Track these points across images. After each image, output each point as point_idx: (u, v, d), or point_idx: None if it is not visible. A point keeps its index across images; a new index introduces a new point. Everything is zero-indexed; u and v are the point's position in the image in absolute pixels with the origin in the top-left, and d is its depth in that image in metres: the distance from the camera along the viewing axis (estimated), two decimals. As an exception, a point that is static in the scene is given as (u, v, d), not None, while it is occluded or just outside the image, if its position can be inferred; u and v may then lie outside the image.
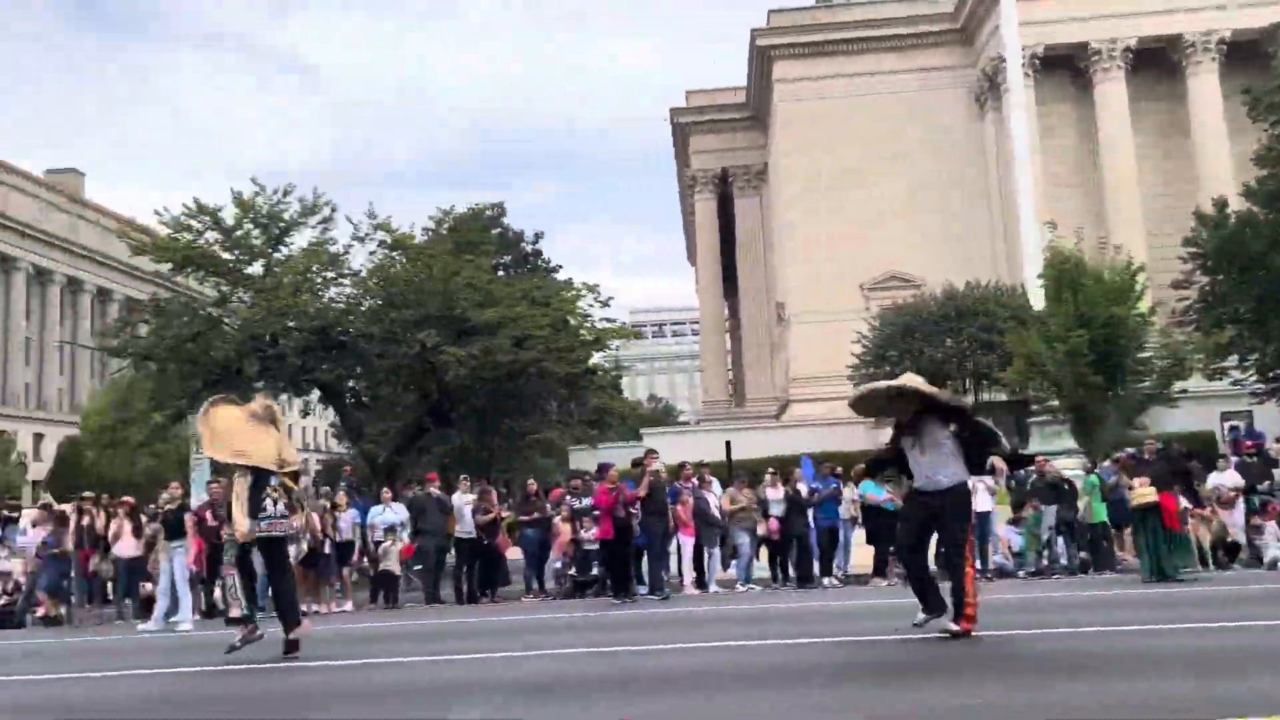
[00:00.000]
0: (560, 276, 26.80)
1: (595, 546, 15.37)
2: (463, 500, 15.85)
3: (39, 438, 65.18)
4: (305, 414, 26.69)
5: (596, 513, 15.75)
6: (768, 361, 58.63)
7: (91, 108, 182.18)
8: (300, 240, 20.99)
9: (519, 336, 19.42)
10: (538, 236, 40.73)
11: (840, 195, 47.98)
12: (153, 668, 9.02)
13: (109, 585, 16.00)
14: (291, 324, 18.95)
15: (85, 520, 15.37)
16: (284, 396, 22.00)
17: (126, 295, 77.03)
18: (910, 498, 8.85)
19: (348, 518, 15.46)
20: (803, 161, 49.10)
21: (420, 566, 15.86)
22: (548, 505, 16.03)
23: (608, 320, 22.33)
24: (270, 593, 9.02)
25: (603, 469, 14.16)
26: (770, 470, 16.14)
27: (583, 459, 31.97)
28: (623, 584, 13.61)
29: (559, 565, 15.75)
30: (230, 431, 9.20)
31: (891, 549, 15.74)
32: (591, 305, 21.84)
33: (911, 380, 8.51)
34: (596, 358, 22.25)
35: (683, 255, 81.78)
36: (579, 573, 15.40)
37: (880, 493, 15.33)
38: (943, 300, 35.84)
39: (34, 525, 16.53)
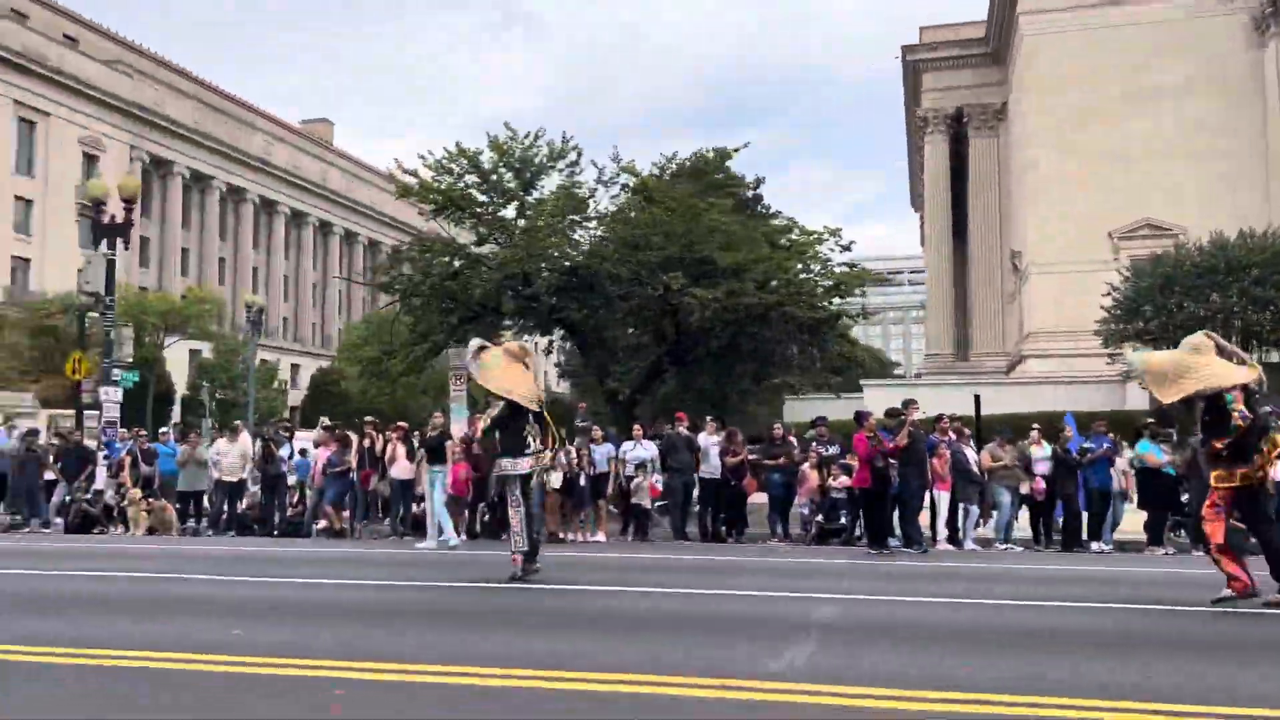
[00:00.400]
0: (776, 223, 26.19)
1: (842, 495, 15.18)
2: (709, 441, 16.01)
3: (295, 368, 71.49)
4: (549, 353, 27.65)
5: (844, 460, 15.57)
6: (998, 314, 55.66)
7: (335, 60, 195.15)
8: (549, 184, 21.65)
9: (760, 280, 19.27)
10: (759, 182, 40.14)
11: (1088, 135, 44.39)
12: (422, 580, 9.63)
13: (381, 503, 17.33)
14: (545, 265, 19.63)
15: (366, 442, 16.64)
16: (534, 336, 22.95)
17: (370, 238, 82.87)
18: None
19: (603, 451, 15.95)
20: (1047, 99, 45.68)
21: (667, 503, 16.17)
22: (795, 450, 15.91)
23: (848, 265, 21.79)
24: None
25: (860, 417, 13.83)
26: (1034, 426, 15.30)
27: (798, 409, 31.56)
28: (879, 535, 13.33)
29: (805, 511, 15.64)
30: (498, 367, 9.86)
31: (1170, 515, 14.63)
32: (832, 250, 21.40)
33: (1232, 376, 7.85)
34: (836, 303, 21.73)
35: (899, 202, 78.56)
36: (826, 520, 15.25)
37: (1160, 454, 14.20)
38: (1210, 251, 32.58)
39: (317, 446, 18.11)
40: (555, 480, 14.95)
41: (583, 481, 15.62)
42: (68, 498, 17.94)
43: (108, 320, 21.78)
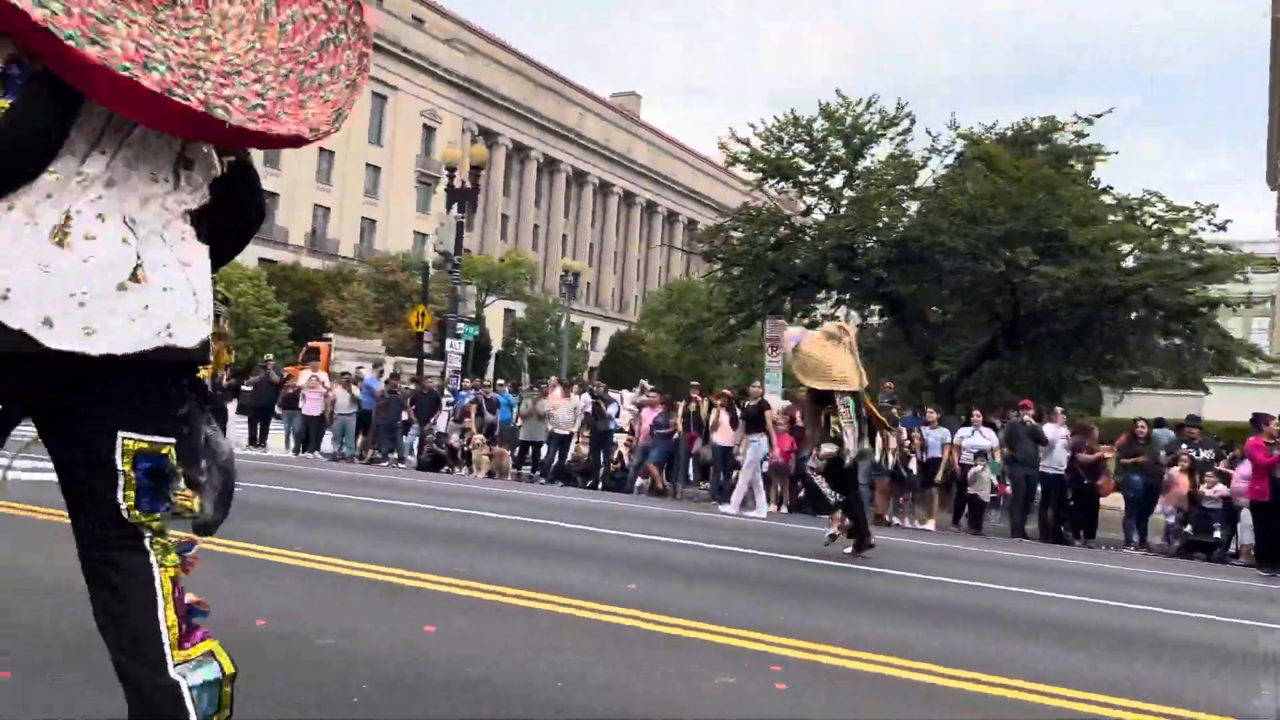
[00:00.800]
0: (1135, 196, 23.56)
1: (1217, 505, 13.45)
2: (1056, 434, 14.73)
3: (595, 330, 74.96)
4: (861, 327, 26.80)
5: (1218, 466, 13.80)
6: (1377, 311, 47.78)
7: (642, 32, 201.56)
8: (879, 152, 20.81)
9: (1118, 258, 17.43)
10: (1094, 152, 36.67)
11: None
12: (755, 549, 9.40)
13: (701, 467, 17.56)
14: (873, 236, 18.91)
15: (692, 407, 16.86)
16: (851, 310, 22.28)
17: (669, 209, 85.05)
18: None
19: (937, 436, 15.15)
20: None
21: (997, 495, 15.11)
22: (1161, 452, 14.28)
23: (1222, 247, 19.21)
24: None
25: (1258, 420, 12.09)
26: None
27: (1118, 405, 28.44)
28: (1274, 555, 11.63)
29: (1171, 520, 14.02)
30: (822, 359, 9.65)
31: None
32: (1203, 229, 18.94)
33: None
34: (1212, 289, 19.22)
35: (1244, 178, 68.87)
36: (1195, 532, 13.57)
37: None
38: None
39: (640, 408, 18.62)
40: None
41: (913, 466, 14.94)
42: (418, 438, 19.67)
43: (455, 278, 23.58)
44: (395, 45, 61.69)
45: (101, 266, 1.91)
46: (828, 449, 9.47)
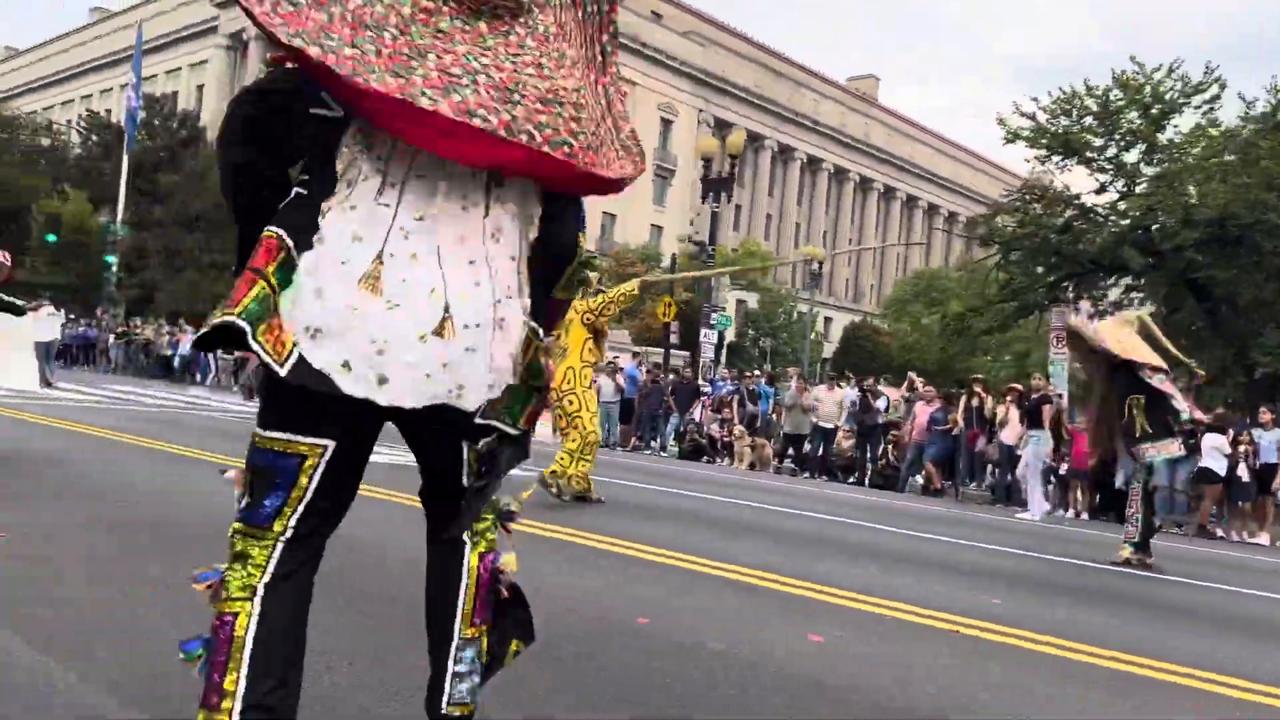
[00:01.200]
0: None
1: None
2: None
3: (828, 321, 73.36)
4: (1152, 315, 24.43)
5: None
6: None
7: (874, 12, 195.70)
8: (1181, 123, 18.72)
9: None
10: None
11: None
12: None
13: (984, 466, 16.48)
14: (1183, 216, 16.97)
15: (974, 402, 15.82)
16: (1144, 298, 20.22)
17: (908, 194, 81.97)
18: None
19: (1272, 439, 13.40)
20: None
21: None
22: None
23: None
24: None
25: None
26: None
27: None
28: None
29: None
30: (1126, 339, 8.64)
31: None
32: None
33: None
34: None
35: None
36: None
37: None
38: None
39: (908, 401, 17.71)
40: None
41: (1242, 472, 13.25)
42: (679, 428, 19.68)
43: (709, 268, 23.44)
44: (635, 41, 62.79)
45: (406, 315, 1.87)
46: (1152, 451, 8.36)
